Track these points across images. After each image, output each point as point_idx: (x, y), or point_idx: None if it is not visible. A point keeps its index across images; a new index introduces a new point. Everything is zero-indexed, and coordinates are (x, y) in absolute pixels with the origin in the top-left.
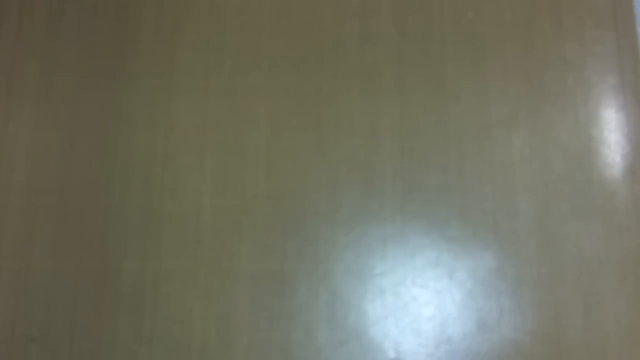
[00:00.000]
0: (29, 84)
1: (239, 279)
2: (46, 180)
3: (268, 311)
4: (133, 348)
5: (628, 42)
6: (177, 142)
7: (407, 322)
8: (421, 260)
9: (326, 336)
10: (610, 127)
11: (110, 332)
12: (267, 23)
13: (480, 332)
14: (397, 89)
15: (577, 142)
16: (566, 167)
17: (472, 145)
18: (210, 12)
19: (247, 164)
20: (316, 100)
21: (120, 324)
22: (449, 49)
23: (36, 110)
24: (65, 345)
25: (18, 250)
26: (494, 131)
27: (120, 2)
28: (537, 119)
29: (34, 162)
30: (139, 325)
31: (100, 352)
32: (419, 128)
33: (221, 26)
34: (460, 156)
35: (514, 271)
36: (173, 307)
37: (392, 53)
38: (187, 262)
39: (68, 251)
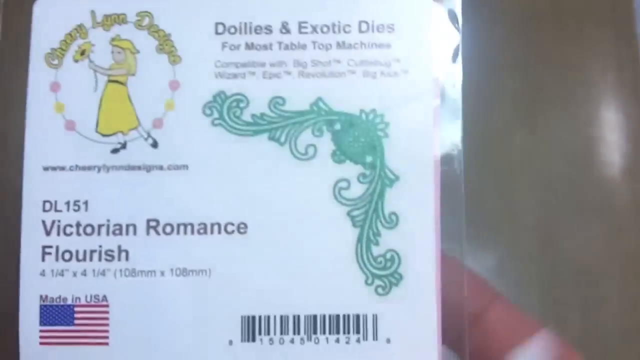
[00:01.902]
0: None
1: None
2: None
3: None
4: None
5: (627, 41)
6: None
7: None
8: None
9: None
10: (610, 126)
11: None
12: None
13: None
14: None
15: (576, 141)
16: (566, 167)
17: (473, 145)
18: None
19: None
20: None
21: None
22: None
23: None
24: None
25: None
26: (494, 131)
27: None
28: (537, 119)
29: None
30: None
31: None
32: None
33: None
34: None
35: (513, 271)
36: None
37: None
38: None
39: None
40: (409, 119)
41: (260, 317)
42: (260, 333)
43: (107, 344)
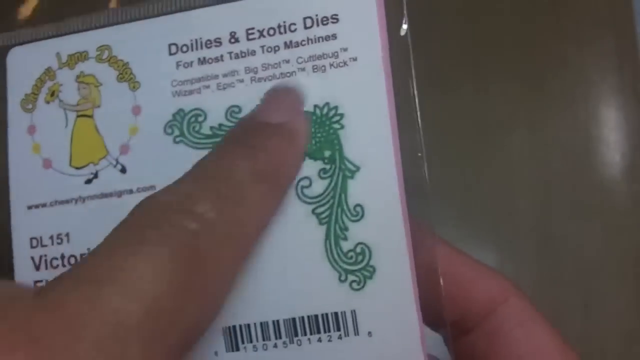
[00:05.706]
0: None
1: None
2: None
3: None
4: None
5: (627, 41)
6: None
7: None
8: None
9: None
10: (610, 126)
11: None
12: None
13: None
14: None
15: (576, 141)
16: (565, 167)
17: (472, 145)
18: None
19: None
20: None
21: None
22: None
23: None
24: None
25: None
26: (494, 131)
27: None
28: (537, 119)
29: None
30: None
31: None
32: None
33: None
34: (461, 156)
35: (513, 271)
36: None
37: None
38: None
39: None
40: (364, 106)
41: (241, 326)
42: (243, 342)
43: None
